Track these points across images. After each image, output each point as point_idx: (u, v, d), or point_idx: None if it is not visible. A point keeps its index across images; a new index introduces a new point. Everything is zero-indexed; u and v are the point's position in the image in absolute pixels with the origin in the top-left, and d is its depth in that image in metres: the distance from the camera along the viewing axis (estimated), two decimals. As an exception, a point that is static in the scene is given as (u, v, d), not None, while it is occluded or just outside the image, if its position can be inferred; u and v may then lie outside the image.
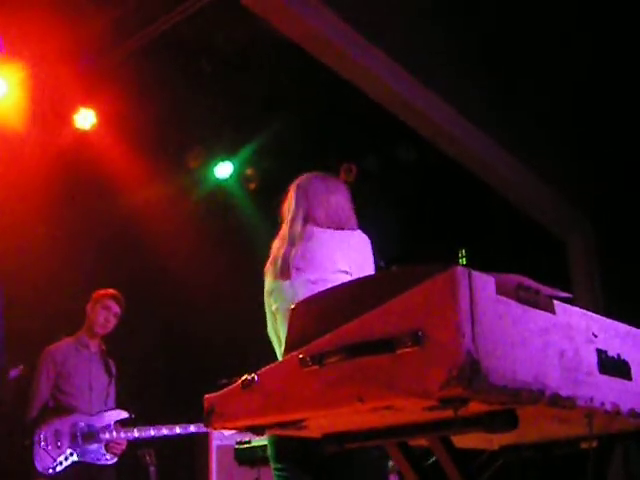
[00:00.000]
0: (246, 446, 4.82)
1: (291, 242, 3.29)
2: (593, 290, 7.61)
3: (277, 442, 3.24)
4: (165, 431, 5.64)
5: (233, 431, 1.90)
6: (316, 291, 3.03)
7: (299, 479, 3.22)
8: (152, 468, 5.68)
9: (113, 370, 5.86)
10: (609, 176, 7.00)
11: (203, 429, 5.62)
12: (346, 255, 3.16)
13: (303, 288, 3.18)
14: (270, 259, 3.38)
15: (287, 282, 3.25)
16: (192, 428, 5.68)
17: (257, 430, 1.79)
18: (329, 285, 2.98)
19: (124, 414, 5.68)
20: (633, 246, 6.91)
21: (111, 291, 5.87)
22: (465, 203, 7.47)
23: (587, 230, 7.91)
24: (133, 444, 5.69)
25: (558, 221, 7.87)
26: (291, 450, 3.16)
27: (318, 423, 1.75)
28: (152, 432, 5.62)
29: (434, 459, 1.82)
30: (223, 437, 6.42)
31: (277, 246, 3.37)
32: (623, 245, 7.16)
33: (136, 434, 5.60)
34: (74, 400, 5.56)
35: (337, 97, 6.75)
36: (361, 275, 2.98)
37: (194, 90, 7.01)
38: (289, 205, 3.43)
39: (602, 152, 6.92)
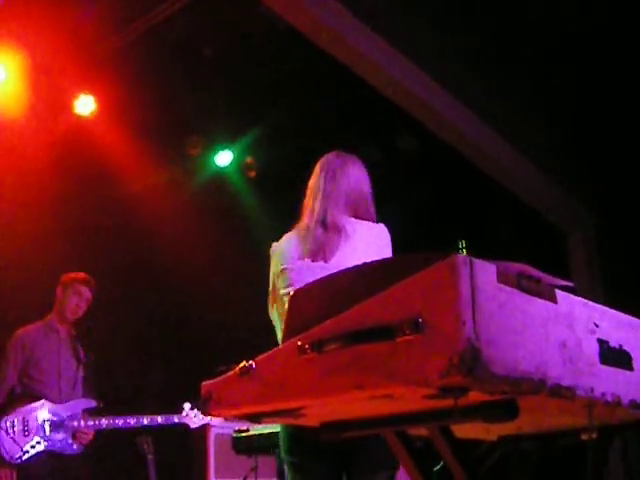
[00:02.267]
0: (244, 434, 4.79)
1: (322, 225, 3.19)
2: (593, 283, 7.61)
3: (291, 435, 3.18)
4: (132, 421, 5.51)
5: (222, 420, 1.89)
6: None
7: (314, 471, 3.17)
8: (150, 456, 5.64)
9: (82, 356, 5.69)
10: (610, 169, 6.99)
11: (171, 420, 5.57)
12: (381, 251, 3.12)
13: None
14: (304, 237, 3.21)
15: (319, 264, 3.11)
16: (159, 419, 5.57)
17: (255, 418, 1.78)
18: None
19: (92, 403, 5.54)
20: (633, 239, 6.90)
21: (82, 275, 5.72)
22: (466, 194, 7.45)
23: (587, 223, 7.91)
24: (131, 433, 5.65)
25: (559, 213, 7.87)
26: (306, 442, 3.10)
27: (316, 411, 1.73)
28: (119, 422, 5.49)
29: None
30: (221, 425, 6.43)
31: (307, 224, 3.23)
32: (623, 238, 7.15)
33: (104, 424, 5.47)
34: (42, 386, 5.42)
35: (338, 85, 6.73)
36: None
37: (194, 77, 6.98)
38: (317, 183, 3.34)
39: (604, 145, 6.90)
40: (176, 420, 5.63)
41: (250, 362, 1.69)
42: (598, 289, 7.49)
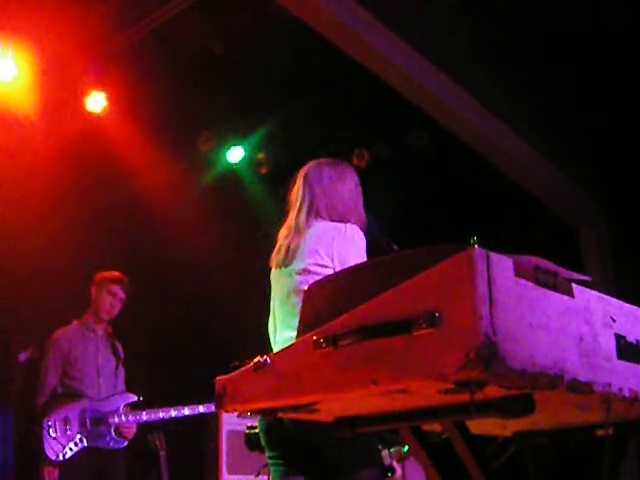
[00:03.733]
0: (257, 431, 4.79)
1: (294, 231, 3.29)
2: (606, 279, 7.59)
3: (268, 430, 3.25)
4: (174, 413, 5.63)
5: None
6: (299, 282, 3.10)
7: (292, 465, 3.22)
8: (162, 452, 5.67)
9: (121, 353, 5.82)
10: (623, 165, 6.96)
11: (212, 409, 5.61)
12: (329, 248, 3.13)
13: (288, 278, 3.20)
14: (276, 248, 3.36)
15: (283, 270, 3.25)
16: (201, 409, 5.67)
17: (269, 413, 1.77)
18: (311, 277, 3.00)
19: (132, 397, 5.67)
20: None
21: (116, 274, 5.80)
22: (477, 190, 7.43)
23: (599, 219, 7.88)
24: (143, 428, 5.68)
25: (571, 210, 7.85)
26: (283, 437, 3.15)
27: (331, 406, 1.73)
28: (161, 414, 5.60)
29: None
30: (234, 422, 6.43)
31: (283, 235, 3.36)
32: (636, 234, 7.12)
33: (145, 417, 5.59)
34: (82, 385, 5.54)
35: (350, 81, 6.71)
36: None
37: (206, 74, 6.98)
38: (296, 193, 3.41)
39: (615, 141, 6.87)
40: None
41: (265, 357, 1.69)
42: (611, 287, 7.47)
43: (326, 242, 3.16)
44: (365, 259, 3.16)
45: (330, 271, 3.06)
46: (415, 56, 5.95)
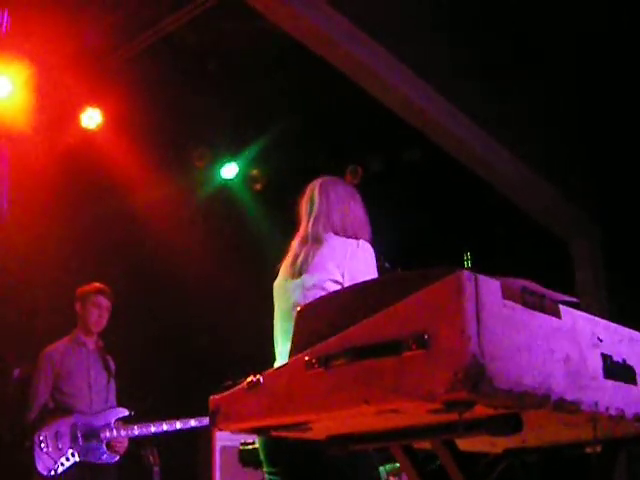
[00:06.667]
0: (251, 447, 4.80)
1: (310, 241, 3.30)
2: (597, 291, 7.61)
3: (267, 446, 3.25)
4: (165, 427, 5.62)
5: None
6: (309, 297, 3.07)
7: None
8: (156, 468, 5.65)
9: (112, 367, 5.80)
10: (613, 177, 6.99)
11: (204, 422, 5.61)
12: (340, 264, 3.16)
13: (296, 290, 3.22)
14: (288, 257, 3.37)
15: (291, 282, 3.27)
16: (193, 422, 5.66)
17: (262, 432, 1.80)
18: (321, 292, 3.00)
19: (124, 412, 5.66)
20: (638, 247, 6.90)
21: (97, 285, 5.79)
22: (469, 204, 7.46)
23: (591, 232, 7.91)
24: (136, 443, 5.68)
25: (562, 222, 7.87)
26: (281, 453, 3.16)
27: (323, 425, 1.75)
28: (152, 429, 5.59)
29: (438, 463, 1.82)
30: (227, 438, 6.43)
31: (296, 245, 3.37)
32: (626, 246, 7.14)
33: (136, 431, 5.58)
34: (74, 400, 5.53)
35: (343, 97, 6.75)
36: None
37: (200, 90, 7.01)
38: (309, 203, 3.43)
39: (605, 152, 6.91)
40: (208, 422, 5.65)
41: (257, 377, 1.71)
42: (602, 299, 7.50)
43: (339, 258, 3.18)
44: (375, 276, 3.17)
45: (339, 287, 3.08)
46: (403, 69, 6.00)
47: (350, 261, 3.18)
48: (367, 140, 7.39)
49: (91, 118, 7.01)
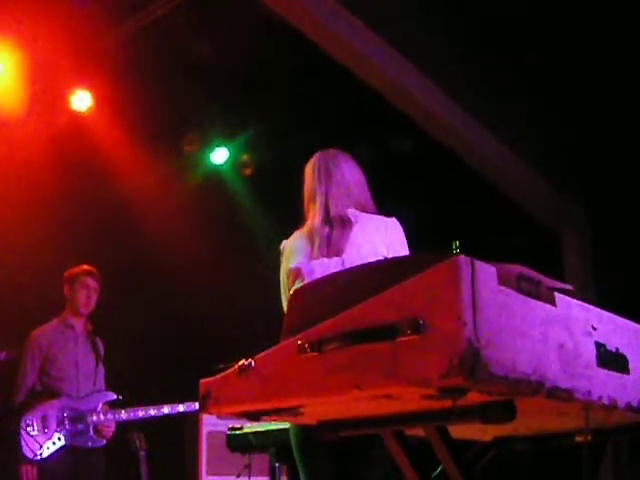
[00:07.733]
0: (238, 432, 4.79)
1: (330, 222, 3.20)
2: (586, 283, 7.63)
3: (301, 432, 3.16)
4: (153, 412, 5.58)
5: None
6: None
7: (323, 468, 3.16)
8: (142, 452, 5.63)
9: (101, 350, 5.76)
10: (605, 168, 7.00)
11: (192, 408, 5.59)
12: (385, 241, 3.11)
13: (339, 268, 3.02)
14: (315, 239, 3.19)
15: (335, 260, 3.11)
16: (180, 408, 5.61)
17: (252, 416, 1.78)
18: None
19: (112, 396, 5.62)
20: (627, 240, 6.91)
21: (85, 267, 5.75)
22: (458, 193, 7.45)
23: (581, 223, 7.93)
24: (123, 428, 5.66)
25: (553, 214, 7.88)
26: (316, 439, 3.11)
27: (314, 410, 1.74)
28: (140, 413, 5.56)
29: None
30: (214, 423, 6.42)
31: (317, 223, 3.23)
32: (617, 238, 7.16)
33: (124, 416, 5.53)
34: (61, 383, 5.49)
35: (336, 84, 6.72)
36: None
37: (191, 74, 6.98)
38: (314, 184, 3.34)
39: (598, 146, 6.91)
40: (197, 407, 5.64)
41: (249, 360, 1.70)
42: (591, 291, 7.52)
43: (381, 235, 3.13)
44: (408, 251, 3.15)
45: None
46: (396, 57, 5.99)
47: (392, 237, 3.14)
48: (361, 127, 7.36)
49: (81, 100, 6.96)
